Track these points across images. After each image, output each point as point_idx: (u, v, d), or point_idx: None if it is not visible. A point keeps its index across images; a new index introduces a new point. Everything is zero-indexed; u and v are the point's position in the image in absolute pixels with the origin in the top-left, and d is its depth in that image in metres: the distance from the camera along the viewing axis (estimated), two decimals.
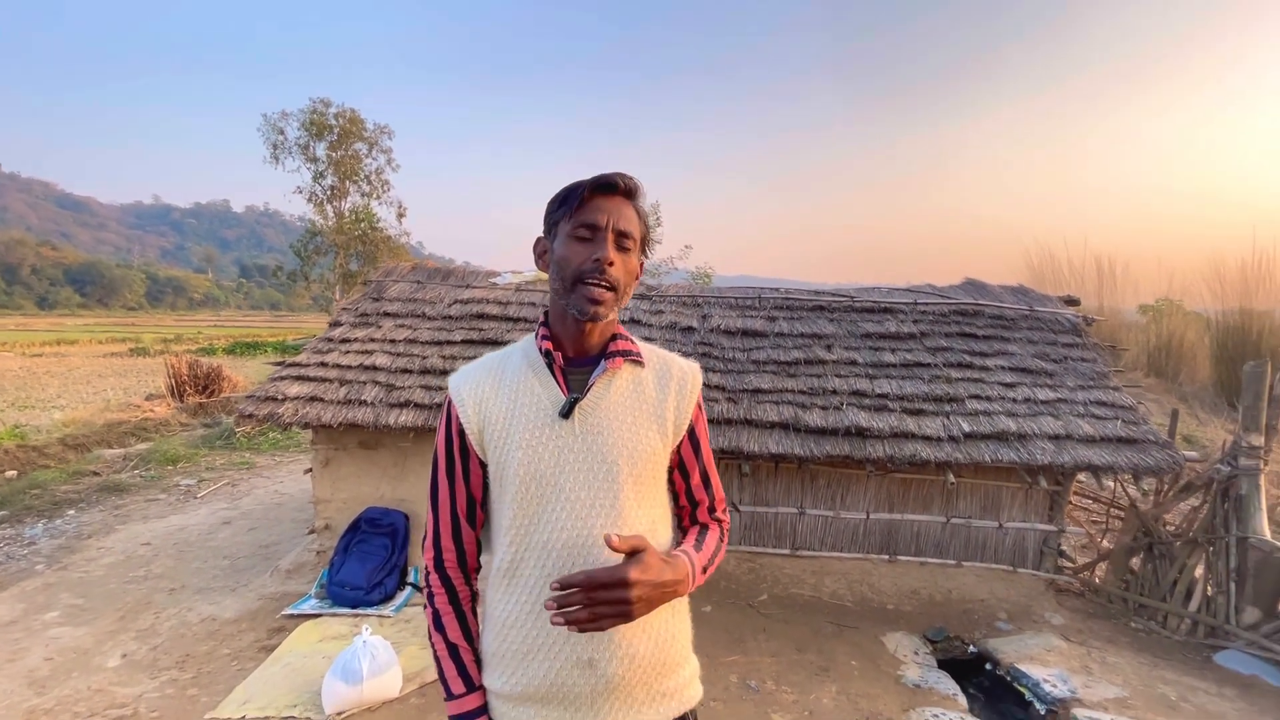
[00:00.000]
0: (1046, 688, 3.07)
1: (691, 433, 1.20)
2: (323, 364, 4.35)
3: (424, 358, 4.41)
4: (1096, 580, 4.29)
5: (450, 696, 1.14)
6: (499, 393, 1.14)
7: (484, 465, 1.16)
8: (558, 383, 1.13)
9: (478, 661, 1.16)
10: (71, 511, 5.66)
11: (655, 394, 1.17)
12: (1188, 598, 3.79)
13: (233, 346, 23.16)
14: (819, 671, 3.24)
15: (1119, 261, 10.78)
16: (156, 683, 3.08)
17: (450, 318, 4.89)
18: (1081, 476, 4.38)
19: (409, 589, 4.00)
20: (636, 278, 1.16)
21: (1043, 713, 3.02)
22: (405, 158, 29.59)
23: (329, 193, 28.70)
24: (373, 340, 4.61)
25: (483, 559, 1.23)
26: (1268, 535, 3.56)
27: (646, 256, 1.20)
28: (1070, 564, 4.43)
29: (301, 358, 4.44)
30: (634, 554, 0.98)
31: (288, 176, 29.96)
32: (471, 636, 1.17)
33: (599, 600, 0.94)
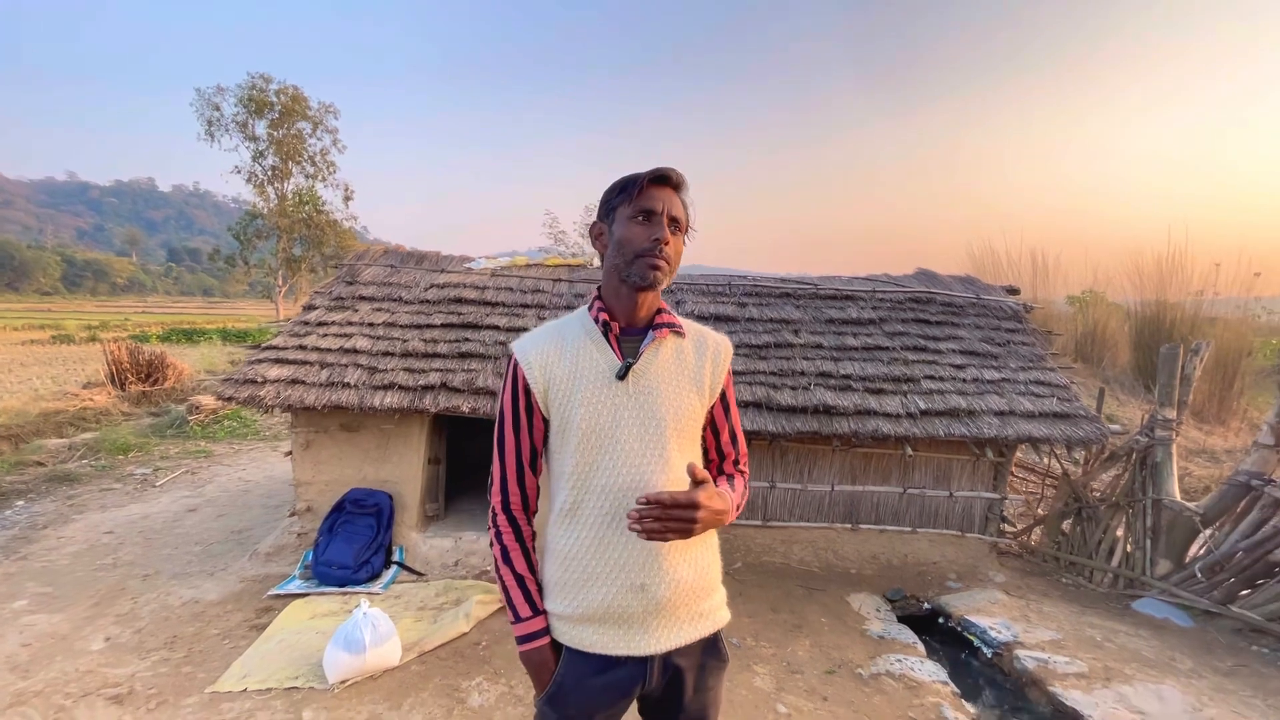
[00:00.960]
0: (992, 634, 3.43)
1: (723, 396, 1.39)
2: (301, 347, 4.33)
3: (404, 340, 4.45)
4: (1033, 543, 4.74)
5: (518, 619, 1.30)
6: (562, 357, 1.30)
7: (546, 421, 1.32)
8: (614, 350, 1.30)
9: (539, 590, 1.33)
10: (21, 502, 5.43)
11: (694, 361, 1.35)
12: (1110, 554, 4.26)
13: (168, 334, 21.94)
14: (793, 629, 3.51)
15: (1051, 254, 11.58)
16: (147, 662, 3.08)
17: (427, 302, 4.93)
18: (1021, 449, 4.81)
19: (395, 567, 4.07)
20: (679, 258, 1.33)
21: (989, 655, 3.38)
22: (344, 138, 28.61)
23: (270, 174, 27.53)
24: (350, 323, 4.61)
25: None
26: (1178, 497, 4.04)
27: (687, 243, 1.37)
28: (1011, 528, 4.87)
29: (278, 341, 4.40)
30: (700, 483, 1.16)
31: (222, 155, 28.51)
32: (534, 568, 1.34)
33: (671, 517, 1.12)
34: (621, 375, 1.27)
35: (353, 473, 4.30)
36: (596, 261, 6.35)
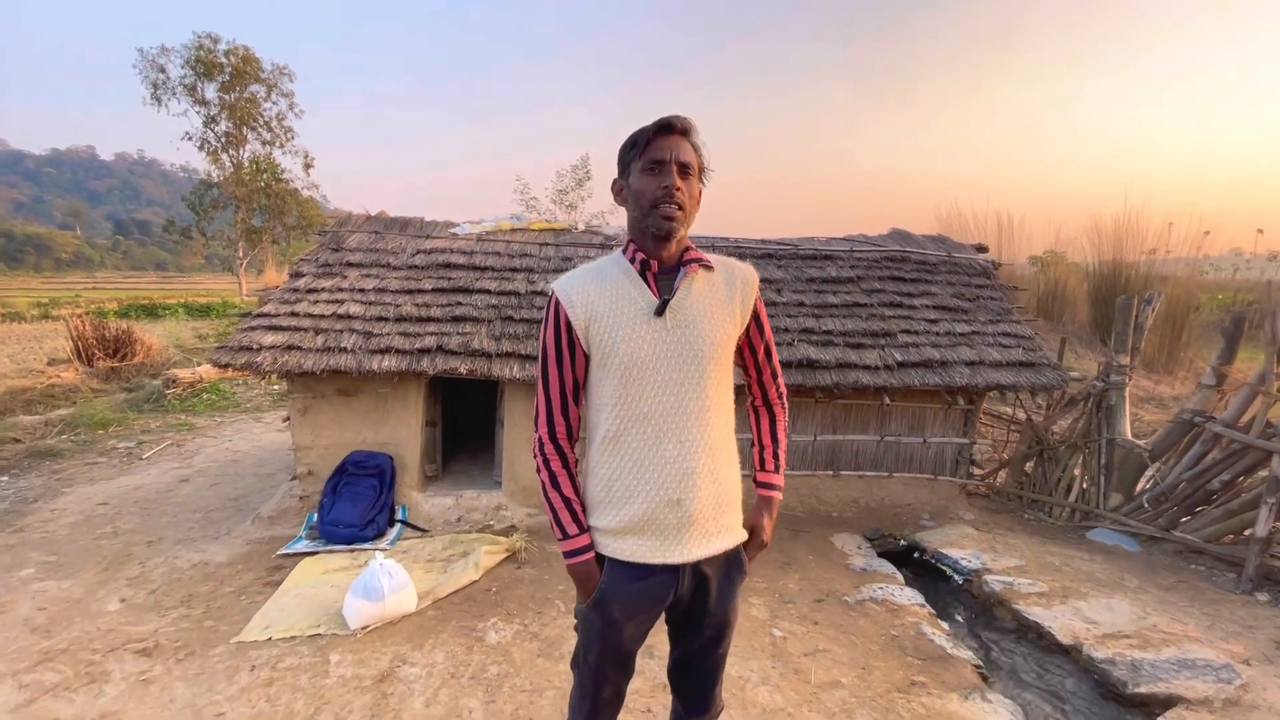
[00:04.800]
0: (964, 563, 3.75)
1: (756, 318, 1.52)
2: (293, 314, 4.35)
3: (397, 305, 4.50)
4: (999, 483, 5.09)
5: (565, 536, 1.44)
6: (602, 296, 1.41)
7: (586, 355, 1.44)
8: (650, 288, 1.42)
9: (583, 509, 1.48)
10: (4, 478, 5.37)
11: (725, 292, 1.46)
12: (1068, 491, 4.62)
13: (126, 310, 21.15)
14: (783, 565, 3.77)
15: (1016, 216, 11.94)
16: (168, 619, 3.18)
17: (416, 267, 4.96)
18: (989, 397, 5.11)
19: (400, 525, 4.20)
20: (698, 200, 1.43)
21: (961, 581, 3.70)
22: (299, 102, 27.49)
23: (224, 140, 26.40)
24: (341, 290, 4.63)
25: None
26: (1130, 436, 4.39)
27: (704, 184, 1.47)
28: (979, 470, 5.22)
29: (268, 308, 4.41)
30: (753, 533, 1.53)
31: (170, 121, 27.00)
32: (578, 491, 1.47)
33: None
34: (659, 312, 1.38)
35: (351, 436, 4.38)
36: (581, 226, 6.40)
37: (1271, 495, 3.45)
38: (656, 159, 1.34)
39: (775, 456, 1.62)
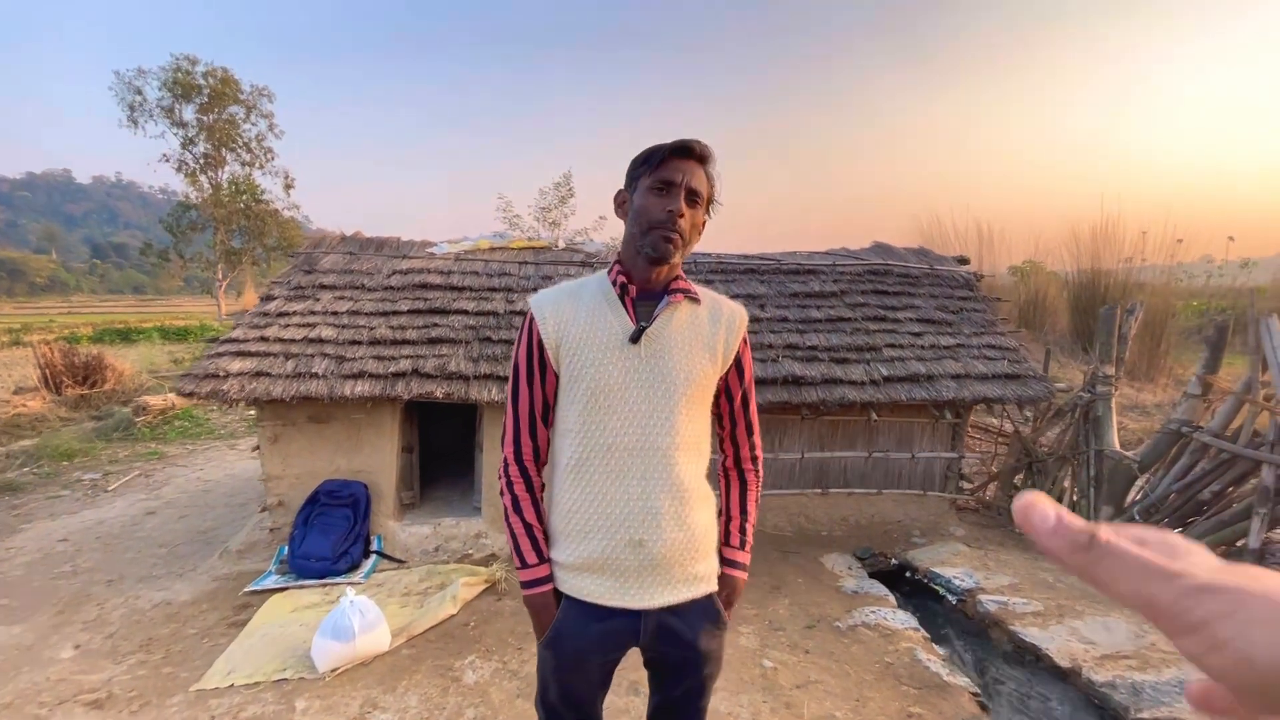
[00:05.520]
0: (957, 583, 3.66)
1: (738, 362, 1.42)
2: (263, 338, 4.21)
3: (371, 328, 4.37)
4: (988, 497, 5.03)
5: (524, 565, 1.34)
6: (576, 316, 1.33)
7: (556, 375, 1.35)
8: (628, 312, 1.33)
9: (546, 538, 1.37)
10: None
11: (709, 328, 1.36)
12: (1058, 504, 4.55)
13: (100, 334, 20.69)
14: (772, 589, 3.66)
15: (996, 226, 12.07)
16: (124, 666, 3.00)
17: (392, 288, 4.84)
18: (976, 411, 5.06)
19: (375, 557, 4.04)
20: (700, 230, 1.35)
21: (955, 602, 3.60)
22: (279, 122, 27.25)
23: (202, 162, 26.10)
24: (313, 313, 4.50)
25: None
26: (1117, 447, 4.35)
27: (709, 216, 1.39)
28: (969, 485, 5.15)
29: (237, 333, 4.26)
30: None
31: (147, 143, 26.59)
32: (541, 518, 1.37)
33: None
34: (634, 339, 1.29)
35: (324, 464, 4.23)
36: (561, 244, 6.31)
37: (1263, 506, 3.41)
38: (667, 179, 1.26)
39: (743, 530, 1.46)
